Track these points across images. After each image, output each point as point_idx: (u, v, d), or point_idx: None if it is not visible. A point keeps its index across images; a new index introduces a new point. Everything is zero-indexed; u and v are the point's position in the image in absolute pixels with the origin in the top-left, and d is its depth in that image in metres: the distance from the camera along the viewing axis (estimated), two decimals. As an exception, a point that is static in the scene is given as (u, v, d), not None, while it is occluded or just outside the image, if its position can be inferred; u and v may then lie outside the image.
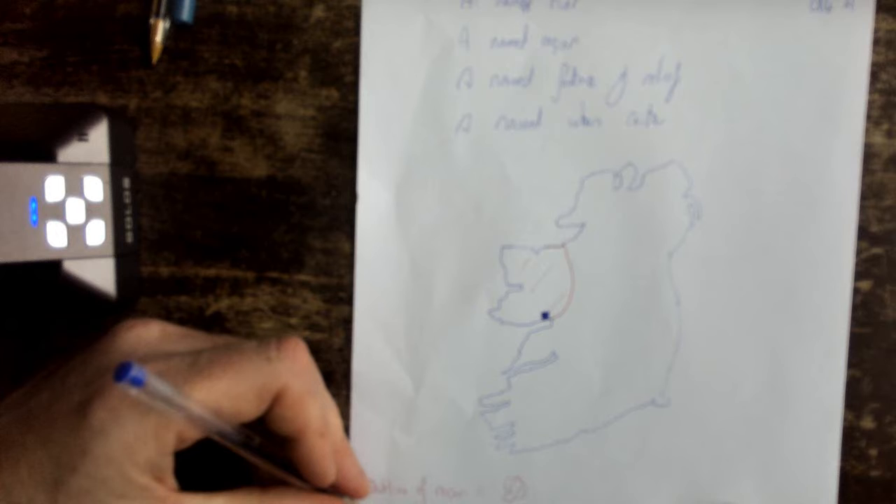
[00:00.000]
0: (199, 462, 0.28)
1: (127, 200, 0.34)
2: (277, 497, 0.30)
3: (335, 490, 0.31)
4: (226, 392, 0.26)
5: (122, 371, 0.22)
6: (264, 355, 0.28)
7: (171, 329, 0.30)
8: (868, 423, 0.35)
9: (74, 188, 0.31)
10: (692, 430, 0.35)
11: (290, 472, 0.29)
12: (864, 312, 0.35)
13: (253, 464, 0.29)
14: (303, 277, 0.36)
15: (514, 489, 0.36)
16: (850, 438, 0.35)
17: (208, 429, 0.26)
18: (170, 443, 0.26)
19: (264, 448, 0.28)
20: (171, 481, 0.27)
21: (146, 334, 0.29)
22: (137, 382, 0.23)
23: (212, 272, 0.36)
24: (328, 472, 0.29)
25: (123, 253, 0.34)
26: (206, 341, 0.30)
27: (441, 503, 0.36)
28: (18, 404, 0.28)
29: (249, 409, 0.27)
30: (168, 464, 0.27)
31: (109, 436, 0.25)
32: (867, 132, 0.34)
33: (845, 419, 0.35)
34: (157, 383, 0.24)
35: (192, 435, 0.26)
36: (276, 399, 0.27)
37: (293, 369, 0.28)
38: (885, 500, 0.35)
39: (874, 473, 0.35)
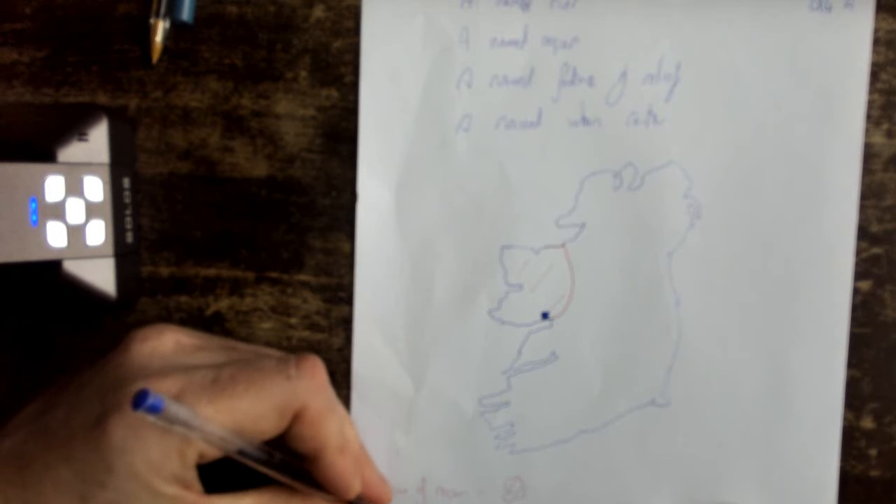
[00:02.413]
0: (223, 460, 0.28)
1: (127, 200, 0.34)
2: (303, 500, 0.30)
3: (358, 499, 0.31)
4: (247, 411, 0.26)
5: (139, 399, 0.22)
6: (284, 373, 0.28)
7: (185, 340, 0.30)
8: (868, 423, 0.35)
9: (74, 188, 0.31)
10: (692, 430, 0.35)
11: (312, 485, 0.29)
12: (864, 312, 0.35)
13: (275, 479, 0.29)
14: (303, 277, 0.36)
15: (514, 489, 0.36)
16: (850, 438, 0.35)
17: (229, 448, 0.26)
18: (192, 459, 0.26)
19: (286, 463, 0.28)
20: (198, 486, 0.27)
21: (160, 346, 0.29)
22: (155, 409, 0.23)
23: (212, 272, 0.36)
24: (351, 486, 0.29)
25: (123, 253, 0.34)
26: (220, 352, 0.30)
27: (441, 503, 0.36)
28: (33, 420, 0.28)
29: (270, 427, 0.27)
30: (192, 475, 0.27)
31: (132, 453, 0.25)
32: (867, 132, 0.34)
33: (845, 419, 0.35)
34: (175, 408, 0.24)
35: (213, 454, 0.26)
36: (296, 417, 0.28)
37: (312, 387, 0.28)
38: (885, 500, 0.35)
39: (874, 473, 0.35)
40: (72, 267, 0.32)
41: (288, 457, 0.29)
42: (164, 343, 0.29)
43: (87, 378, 0.28)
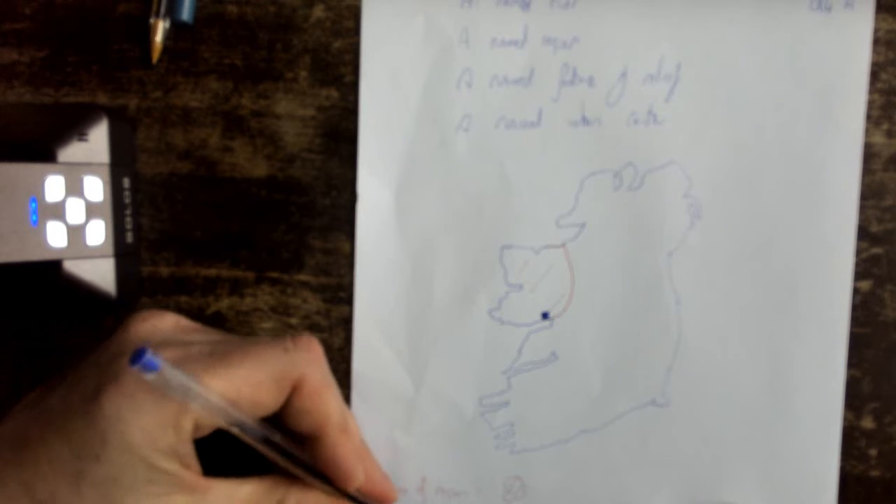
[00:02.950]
0: (223, 448, 0.28)
1: (127, 200, 0.34)
2: (302, 489, 0.29)
3: (361, 496, 0.31)
4: (245, 379, 0.26)
5: (136, 356, 0.22)
6: (281, 346, 0.28)
7: (185, 322, 0.30)
8: (868, 423, 0.35)
9: (74, 188, 0.31)
10: (692, 430, 0.35)
11: (314, 475, 0.29)
12: (864, 312, 0.35)
13: (274, 462, 0.28)
14: (303, 277, 0.36)
15: (514, 489, 0.36)
16: (850, 438, 0.35)
17: (226, 420, 0.26)
18: (188, 430, 0.25)
19: (286, 446, 0.28)
20: (197, 467, 0.27)
21: (161, 325, 0.29)
22: (151, 367, 0.22)
23: (212, 272, 0.36)
24: (354, 471, 0.29)
25: (123, 253, 0.34)
26: (218, 335, 0.30)
27: (441, 503, 0.36)
28: (34, 403, 0.28)
29: (268, 398, 0.27)
30: (189, 450, 0.26)
31: (127, 422, 0.25)
32: (867, 132, 0.34)
33: (845, 419, 0.35)
34: (172, 370, 0.23)
35: (210, 423, 0.26)
36: (295, 390, 0.27)
37: (309, 359, 0.28)
38: (885, 500, 0.35)
39: (874, 473, 0.35)
40: (72, 267, 0.32)
41: (288, 442, 0.28)
42: (165, 323, 0.29)
43: (88, 360, 0.28)
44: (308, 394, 0.27)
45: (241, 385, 0.26)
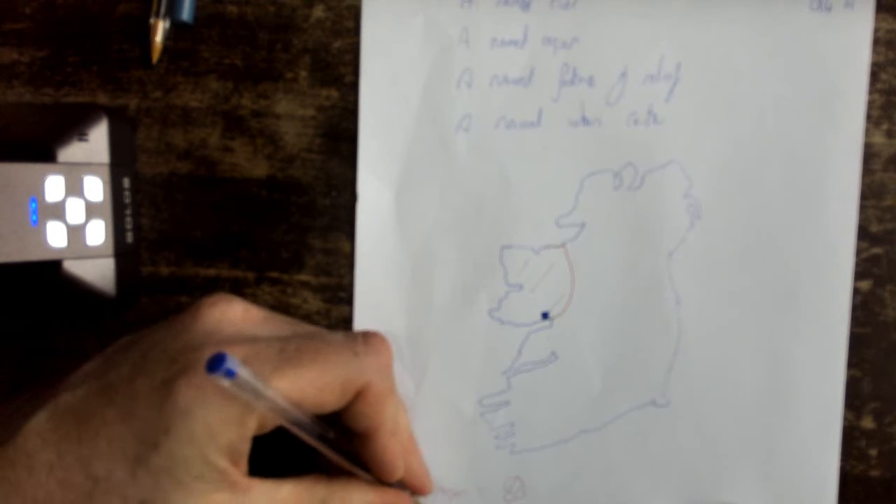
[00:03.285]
0: (263, 445, 0.28)
1: (127, 200, 0.34)
2: (344, 486, 0.29)
3: (400, 485, 0.32)
4: (311, 382, 0.26)
5: (214, 363, 0.22)
6: (351, 349, 0.28)
7: (254, 310, 0.29)
8: (868, 423, 0.35)
9: (74, 188, 0.31)
10: (692, 430, 0.35)
11: (358, 466, 0.29)
12: (864, 312, 0.35)
13: (323, 455, 0.28)
14: (303, 277, 0.36)
15: (514, 489, 0.36)
16: (850, 438, 0.35)
17: (289, 420, 0.26)
18: (251, 428, 0.26)
19: (337, 441, 0.28)
20: (245, 465, 0.27)
21: (230, 313, 0.29)
22: (230, 374, 0.22)
23: (212, 272, 0.36)
24: (396, 469, 0.29)
25: (123, 253, 0.34)
26: (287, 326, 0.30)
27: (441, 503, 0.36)
28: (95, 376, 0.27)
29: (332, 401, 0.27)
30: (246, 449, 0.26)
31: (194, 416, 0.25)
32: (867, 132, 0.34)
33: (845, 419, 0.35)
34: (247, 376, 0.23)
35: (273, 423, 0.26)
36: (359, 395, 0.27)
37: (377, 365, 0.28)
38: (885, 500, 0.35)
39: (874, 473, 0.35)
40: (72, 267, 0.32)
41: (340, 435, 0.29)
42: (234, 310, 0.29)
43: (154, 340, 0.28)
44: (370, 401, 0.28)
45: (306, 387, 0.26)
